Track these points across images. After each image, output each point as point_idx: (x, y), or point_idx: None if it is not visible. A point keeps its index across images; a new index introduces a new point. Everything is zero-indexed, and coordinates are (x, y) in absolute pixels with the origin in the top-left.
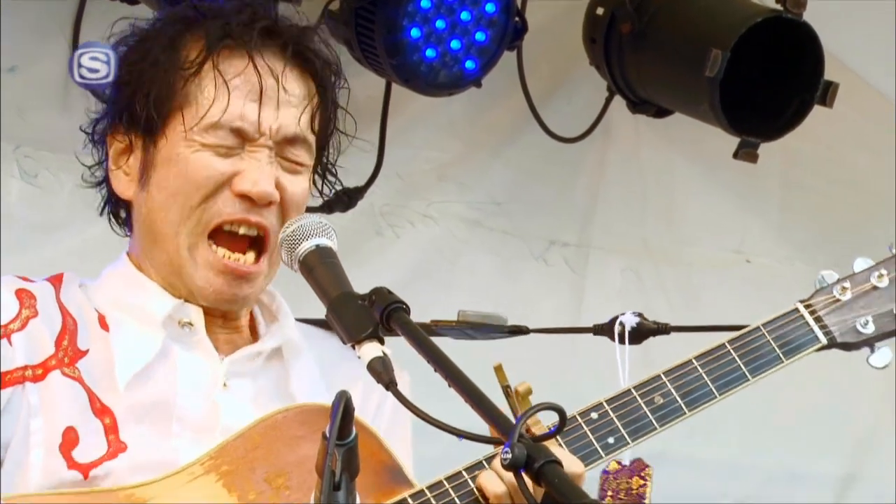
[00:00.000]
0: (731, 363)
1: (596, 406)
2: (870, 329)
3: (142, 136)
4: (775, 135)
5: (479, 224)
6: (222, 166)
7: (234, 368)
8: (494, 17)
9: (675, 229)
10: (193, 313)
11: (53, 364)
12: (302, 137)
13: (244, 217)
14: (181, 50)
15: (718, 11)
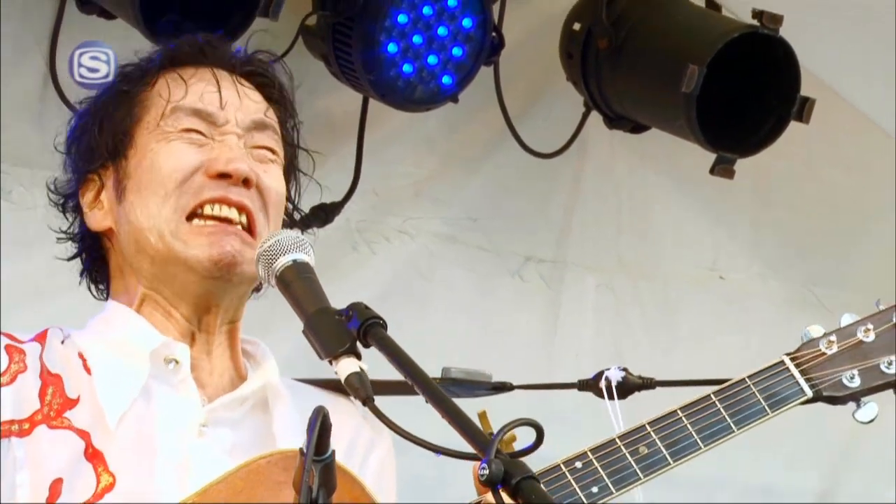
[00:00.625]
0: (717, 414)
1: (580, 455)
2: (856, 383)
3: (110, 163)
4: (752, 150)
5: (455, 240)
6: (193, 155)
7: (214, 416)
8: (471, 33)
9: (649, 245)
10: (179, 351)
11: (39, 419)
12: (269, 123)
13: (224, 195)
14: (138, 86)
15: (695, 27)
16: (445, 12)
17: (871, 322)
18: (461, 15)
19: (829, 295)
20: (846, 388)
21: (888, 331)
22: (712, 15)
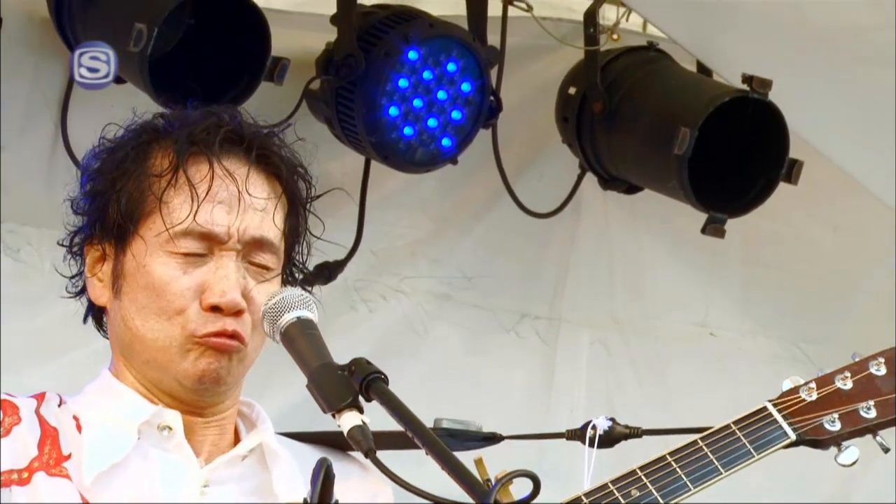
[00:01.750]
0: (705, 458)
1: (575, 500)
2: (836, 426)
3: (114, 245)
4: (742, 211)
5: (449, 298)
6: (188, 281)
7: (214, 475)
8: (470, 97)
9: (642, 303)
10: (171, 417)
11: (37, 466)
12: (267, 241)
13: (222, 329)
14: (150, 159)
15: (687, 91)
16: (445, 77)
17: (849, 371)
18: (460, 79)
19: (817, 351)
20: (828, 432)
21: (865, 378)
22: (703, 80)
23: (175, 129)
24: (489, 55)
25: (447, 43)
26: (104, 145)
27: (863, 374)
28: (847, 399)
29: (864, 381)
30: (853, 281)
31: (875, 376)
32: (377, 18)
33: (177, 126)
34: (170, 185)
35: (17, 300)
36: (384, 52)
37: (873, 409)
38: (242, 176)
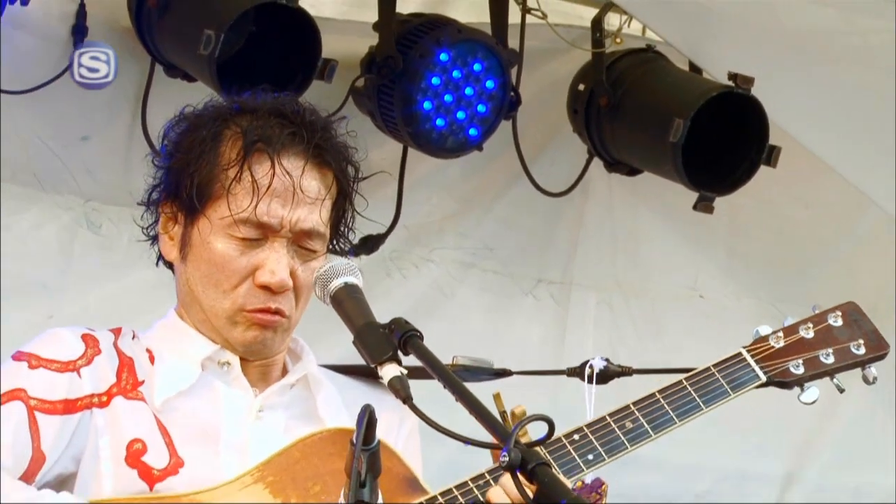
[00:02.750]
0: (688, 396)
1: (578, 430)
2: (800, 370)
3: (184, 215)
4: (728, 190)
5: (473, 266)
6: (244, 261)
7: (267, 402)
8: (494, 92)
9: (640, 269)
10: (230, 355)
11: (115, 391)
12: (315, 231)
13: (265, 307)
14: (221, 145)
15: (680, 87)
16: (472, 75)
17: (811, 322)
18: (485, 77)
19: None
20: (793, 375)
21: (825, 328)
22: (695, 77)
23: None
24: (510, 57)
25: (473, 46)
26: (184, 118)
27: (823, 324)
28: (809, 346)
29: (824, 331)
30: (821, 250)
31: (833, 327)
32: (413, 25)
33: (246, 112)
34: (235, 178)
35: (98, 268)
36: (419, 54)
37: (832, 355)
38: (298, 173)
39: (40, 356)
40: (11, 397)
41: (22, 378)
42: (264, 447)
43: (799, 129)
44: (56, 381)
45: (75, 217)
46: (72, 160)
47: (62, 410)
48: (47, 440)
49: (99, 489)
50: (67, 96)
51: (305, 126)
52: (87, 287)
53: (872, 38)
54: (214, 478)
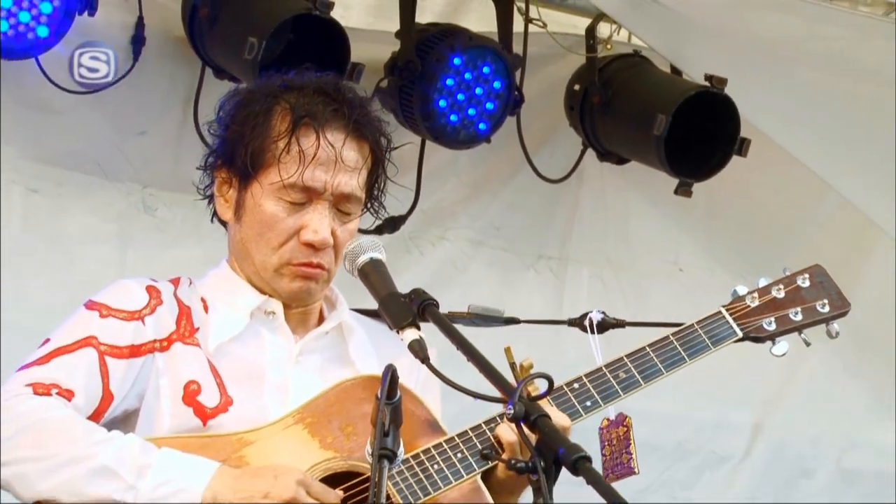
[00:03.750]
0: (674, 349)
1: (577, 379)
2: (772, 327)
3: (238, 178)
4: (705, 177)
5: (482, 244)
6: (291, 221)
7: (306, 347)
8: (500, 92)
9: (628, 246)
10: (275, 305)
11: (175, 337)
12: (354, 195)
13: (308, 261)
14: (272, 119)
15: (662, 87)
16: (481, 77)
17: (782, 283)
18: (493, 79)
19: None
20: (765, 331)
21: (794, 289)
22: (675, 78)
23: (293, 93)
24: (514, 61)
25: (483, 51)
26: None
27: (792, 285)
28: (780, 305)
29: (794, 292)
30: (788, 230)
31: (801, 287)
32: (430, 33)
33: (295, 90)
34: (285, 149)
35: (153, 247)
36: (435, 59)
37: (800, 313)
38: (340, 144)
39: (109, 306)
40: (84, 344)
41: (93, 326)
42: (302, 387)
43: (767, 123)
44: (123, 328)
45: (134, 202)
46: (131, 152)
47: (128, 355)
48: (115, 381)
49: (159, 424)
50: (128, 97)
51: (346, 103)
52: (144, 263)
53: (832, 44)
54: (259, 415)
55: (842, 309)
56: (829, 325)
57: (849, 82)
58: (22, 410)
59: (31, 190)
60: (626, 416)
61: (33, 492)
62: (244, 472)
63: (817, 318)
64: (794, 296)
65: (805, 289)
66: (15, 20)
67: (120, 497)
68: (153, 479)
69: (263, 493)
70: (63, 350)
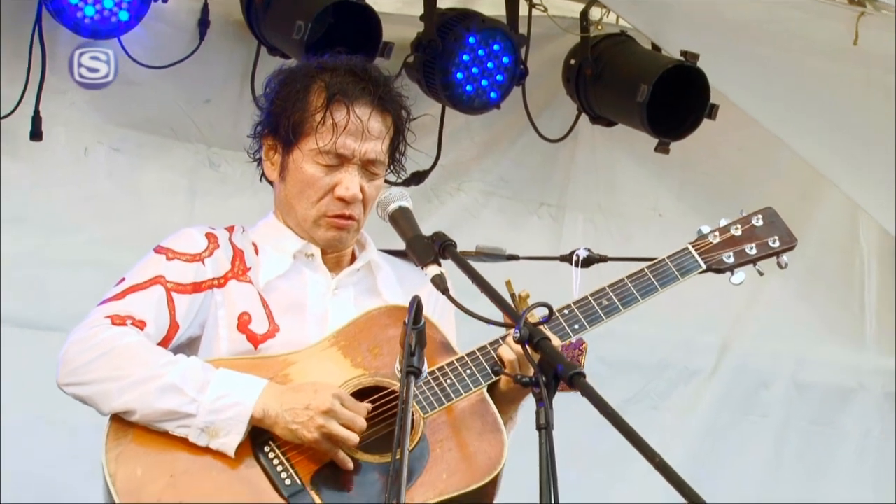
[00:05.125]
0: (648, 280)
1: (567, 306)
2: (731, 260)
3: (282, 145)
4: (680, 137)
5: (493, 194)
6: (327, 180)
7: (341, 282)
8: (509, 66)
9: (616, 195)
10: (314, 249)
11: (230, 275)
12: (378, 160)
13: (342, 212)
14: (310, 95)
15: (645, 62)
16: (492, 53)
17: (739, 223)
18: (502, 55)
19: None
20: (725, 264)
21: (749, 228)
22: (656, 54)
23: (327, 73)
24: (520, 40)
25: (493, 32)
26: (281, 72)
27: (748, 224)
28: (738, 241)
29: (749, 230)
30: (751, 180)
31: (755, 226)
32: (449, 17)
33: (328, 70)
34: (321, 121)
35: (217, 197)
36: (454, 38)
37: (754, 248)
38: (366, 117)
39: (175, 250)
40: (154, 282)
41: (161, 267)
42: (339, 316)
43: (733, 91)
44: (186, 269)
45: (201, 159)
46: (198, 117)
47: (191, 290)
48: (180, 313)
49: (217, 348)
50: (195, 70)
51: (372, 81)
52: (209, 210)
53: (790, 25)
54: (302, 339)
55: (790, 244)
56: (779, 258)
57: (804, 57)
58: (102, 338)
59: (114, 149)
60: (584, 342)
61: (111, 406)
62: (288, 387)
63: (769, 252)
64: (750, 233)
65: (759, 227)
66: (100, 6)
67: (185, 409)
68: (212, 393)
69: (305, 405)
70: (136, 287)
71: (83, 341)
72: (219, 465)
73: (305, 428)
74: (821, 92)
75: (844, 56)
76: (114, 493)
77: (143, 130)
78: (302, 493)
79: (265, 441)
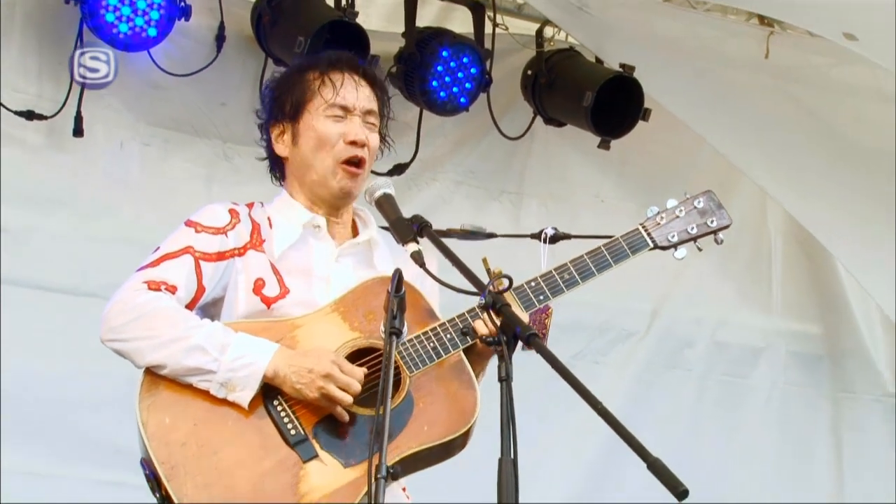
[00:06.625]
0: (603, 256)
1: (533, 279)
2: (675, 239)
3: (289, 122)
4: (619, 135)
5: (462, 183)
6: (338, 128)
7: (343, 252)
8: (476, 76)
9: (565, 184)
10: (321, 220)
11: (249, 246)
12: (373, 110)
13: (355, 154)
14: (305, 76)
15: (590, 72)
16: (462, 65)
17: (683, 205)
18: (470, 66)
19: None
20: (670, 242)
21: (691, 210)
22: (599, 66)
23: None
24: (485, 53)
25: (463, 47)
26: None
27: (690, 207)
28: (681, 223)
29: (690, 211)
30: (677, 171)
31: (696, 208)
32: (426, 34)
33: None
34: (321, 84)
35: (231, 185)
36: (430, 52)
37: (695, 227)
38: (358, 77)
39: (202, 224)
40: (184, 252)
41: (191, 239)
42: (340, 280)
43: (663, 97)
44: (212, 240)
45: (217, 153)
46: (215, 116)
47: (216, 258)
48: (206, 278)
49: (236, 308)
50: (213, 78)
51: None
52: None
53: (708, 41)
54: (310, 299)
55: (726, 223)
56: (716, 236)
57: (723, 69)
58: (140, 301)
59: (144, 144)
60: (551, 307)
61: (145, 361)
62: (296, 352)
63: (707, 231)
64: (692, 214)
65: (699, 209)
66: (132, 24)
67: (208, 366)
68: (231, 354)
69: (308, 368)
70: (169, 256)
71: (123, 302)
72: (235, 414)
73: (308, 388)
74: (736, 98)
75: (757, 68)
76: (145, 437)
77: (169, 128)
78: (304, 441)
79: (274, 396)
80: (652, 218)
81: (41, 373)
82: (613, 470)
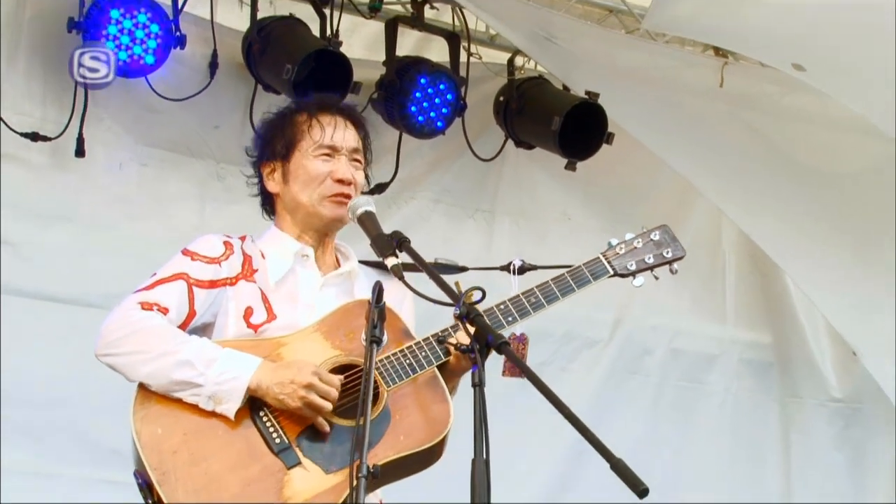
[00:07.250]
0: (567, 282)
1: (502, 302)
2: (633, 267)
3: (280, 161)
4: (584, 157)
5: (440, 201)
6: (325, 167)
7: (327, 281)
8: (452, 101)
9: (534, 203)
10: (309, 250)
11: (240, 277)
12: (358, 148)
13: (341, 191)
14: (295, 118)
15: (557, 99)
16: (439, 92)
17: (640, 238)
18: (446, 92)
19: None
20: (628, 270)
21: (648, 242)
22: (565, 93)
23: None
24: (460, 81)
25: (440, 75)
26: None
27: (647, 239)
28: (639, 252)
29: (648, 243)
30: (639, 191)
31: (653, 240)
32: (405, 62)
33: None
34: (310, 126)
35: (223, 204)
36: (409, 79)
37: (652, 258)
38: (344, 119)
39: (198, 253)
40: (179, 277)
41: (185, 266)
42: (323, 306)
43: (625, 122)
44: (206, 269)
45: (210, 172)
46: (209, 138)
47: (208, 286)
48: (198, 303)
49: (226, 333)
50: (207, 102)
51: (340, 103)
52: (216, 214)
53: (668, 71)
54: (295, 324)
55: (680, 255)
56: (671, 266)
57: (681, 96)
58: (133, 319)
59: (142, 164)
60: (527, 336)
61: (137, 374)
62: (278, 365)
63: (662, 262)
64: (648, 246)
65: (655, 241)
66: (131, 52)
67: (195, 380)
68: (217, 368)
69: (290, 379)
70: (164, 281)
71: (117, 320)
72: (222, 425)
73: (290, 398)
74: (694, 123)
75: (712, 96)
76: (139, 446)
77: (166, 149)
78: (288, 449)
79: (260, 407)
80: (612, 248)
81: (41, 375)
82: (579, 470)
